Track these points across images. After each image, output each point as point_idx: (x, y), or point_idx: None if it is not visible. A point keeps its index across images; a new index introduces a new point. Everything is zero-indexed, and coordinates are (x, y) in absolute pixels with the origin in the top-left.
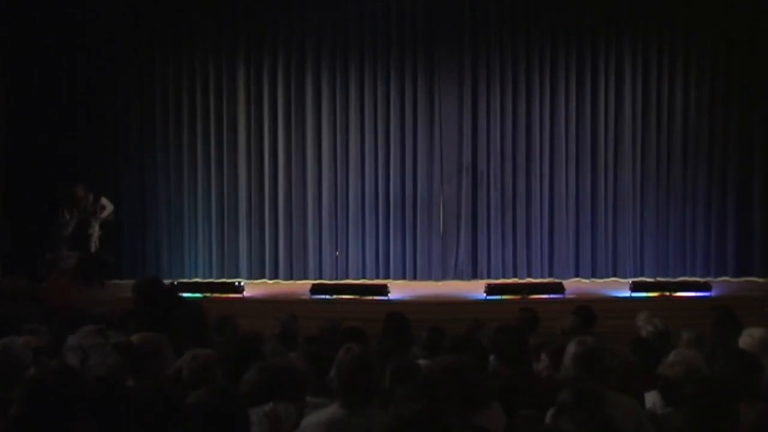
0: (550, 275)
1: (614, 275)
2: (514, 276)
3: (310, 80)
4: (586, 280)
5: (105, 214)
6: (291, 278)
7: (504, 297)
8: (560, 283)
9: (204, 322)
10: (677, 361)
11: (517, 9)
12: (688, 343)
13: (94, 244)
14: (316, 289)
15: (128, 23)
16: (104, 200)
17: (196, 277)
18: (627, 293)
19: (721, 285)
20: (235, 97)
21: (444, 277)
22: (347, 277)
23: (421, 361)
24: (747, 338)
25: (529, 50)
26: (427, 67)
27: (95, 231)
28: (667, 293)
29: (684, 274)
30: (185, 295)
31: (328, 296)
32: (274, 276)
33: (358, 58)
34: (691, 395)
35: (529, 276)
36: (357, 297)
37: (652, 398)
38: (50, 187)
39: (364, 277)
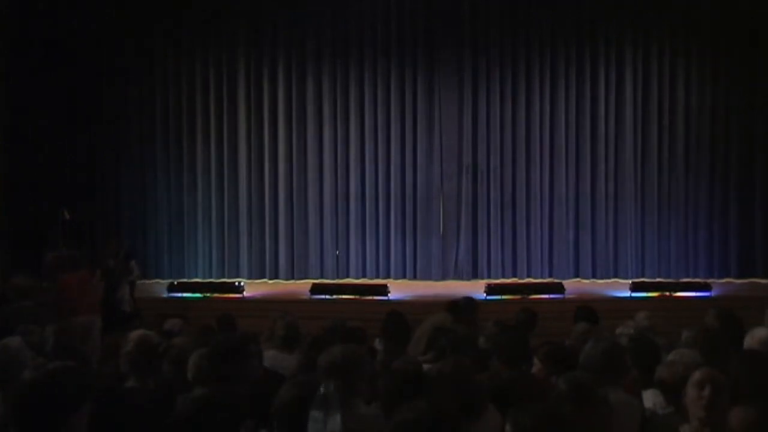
0: (550, 275)
1: (615, 276)
2: (514, 276)
3: (311, 80)
4: (587, 281)
5: (131, 277)
6: (291, 278)
7: (504, 297)
8: (560, 283)
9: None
10: (676, 361)
11: (518, 10)
12: (686, 344)
13: (128, 305)
14: (316, 288)
15: (128, 24)
16: (133, 263)
17: (196, 277)
18: (627, 293)
19: (722, 286)
20: (235, 97)
21: (444, 277)
22: (348, 277)
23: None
24: (749, 339)
25: (529, 50)
26: (427, 67)
27: (126, 293)
28: (667, 293)
29: (687, 276)
30: (185, 295)
31: (328, 296)
32: (275, 276)
33: (358, 59)
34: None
35: (529, 276)
36: (357, 297)
37: (650, 397)
38: (50, 187)
39: (364, 277)
